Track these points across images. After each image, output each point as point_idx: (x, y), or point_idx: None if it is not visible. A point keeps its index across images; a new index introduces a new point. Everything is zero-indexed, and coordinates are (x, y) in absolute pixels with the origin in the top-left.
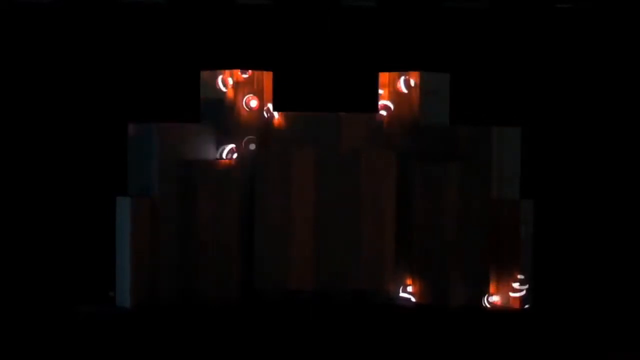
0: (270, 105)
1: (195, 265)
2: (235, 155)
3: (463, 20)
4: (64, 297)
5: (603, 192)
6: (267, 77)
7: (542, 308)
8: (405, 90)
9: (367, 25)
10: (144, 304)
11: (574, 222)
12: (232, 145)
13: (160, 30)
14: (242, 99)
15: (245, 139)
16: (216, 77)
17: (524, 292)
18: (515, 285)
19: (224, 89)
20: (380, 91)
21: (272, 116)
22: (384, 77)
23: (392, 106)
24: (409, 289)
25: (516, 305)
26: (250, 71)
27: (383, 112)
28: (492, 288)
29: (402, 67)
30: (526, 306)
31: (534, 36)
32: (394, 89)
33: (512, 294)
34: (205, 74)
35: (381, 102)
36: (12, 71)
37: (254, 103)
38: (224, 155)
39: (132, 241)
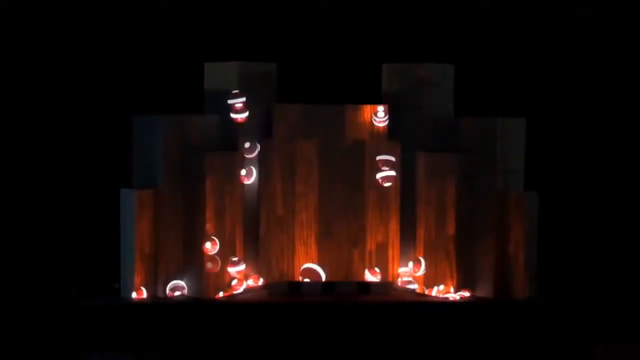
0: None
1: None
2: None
3: (467, 13)
4: (68, 288)
5: (607, 184)
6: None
7: (547, 298)
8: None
9: (371, 17)
10: (148, 295)
11: (578, 213)
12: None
13: (165, 22)
14: None
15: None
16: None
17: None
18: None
19: None
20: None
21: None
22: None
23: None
24: (413, 280)
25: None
26: None
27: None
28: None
29: (406, 59)
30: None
31: (538, 29)
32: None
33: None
34: (209, 66)
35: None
36: (16, 65)
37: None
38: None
39: (136, 233)
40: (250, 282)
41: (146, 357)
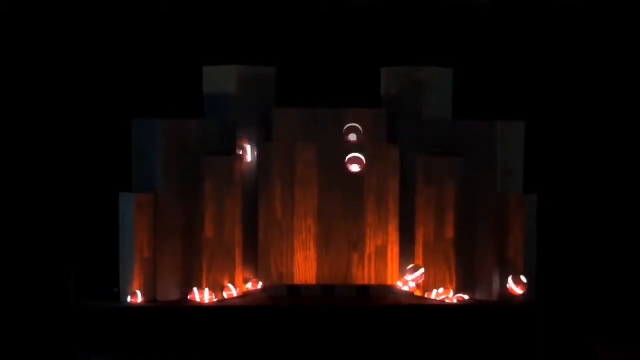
0: None
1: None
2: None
3: (466, 16)
4: (67, 293)
5: (607, 186)
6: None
7: (546, 301)
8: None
9: (369, 20)
10: (147, 299)
11: (578, 216)
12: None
13: (163, 26)
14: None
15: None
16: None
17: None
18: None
19: None
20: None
21: None
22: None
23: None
24: (412, 284)
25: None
26: None
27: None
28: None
29: (405, 63)
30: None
31: (537, 31)
32: None
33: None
34: (207, 70)
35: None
36: (15, 68)
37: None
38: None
39: (136, 237)
40: (249, 286)
41: None
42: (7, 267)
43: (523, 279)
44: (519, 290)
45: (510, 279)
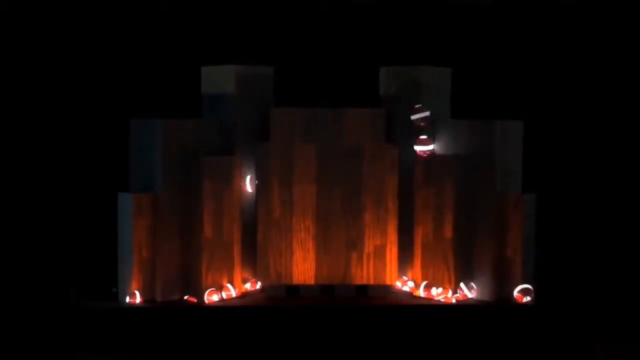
0: None
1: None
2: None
3: (465, 15)
4: (66, 293)
5: (606, 186)
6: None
7: (545, 302)
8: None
9: (369, 20)
10: (146, 300)
11: (577, 215)
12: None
13: (162, 26)
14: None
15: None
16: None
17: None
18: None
19: None
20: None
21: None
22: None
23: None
24: (411, 283)
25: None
26: None
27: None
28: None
29: (403, 62)
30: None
31: (537, 31)
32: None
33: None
34: (205, 70)
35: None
36: (13, 67)
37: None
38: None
39: (134, 237)
40: (248, 286)
41: None
42: (6, 268)
43: (527, 299)
44: (519, 297)
45: (518, 289)
